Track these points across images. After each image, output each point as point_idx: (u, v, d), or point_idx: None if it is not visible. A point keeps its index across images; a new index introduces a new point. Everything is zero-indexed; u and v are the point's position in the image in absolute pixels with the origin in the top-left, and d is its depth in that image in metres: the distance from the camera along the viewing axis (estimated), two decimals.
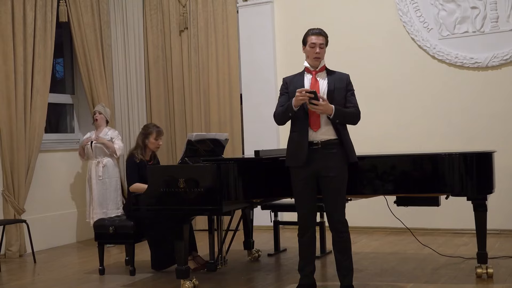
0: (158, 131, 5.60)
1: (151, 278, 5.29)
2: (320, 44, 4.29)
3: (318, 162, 4.22)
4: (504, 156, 6.02)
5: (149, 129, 5.61)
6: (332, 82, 4.29)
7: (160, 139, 5.62)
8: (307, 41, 4.32)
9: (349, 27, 7.26)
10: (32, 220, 6.65)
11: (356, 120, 4.33)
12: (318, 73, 4.34)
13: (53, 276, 5.62)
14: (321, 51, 4.30)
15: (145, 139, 5.56)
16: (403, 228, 5.75)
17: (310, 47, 4.29)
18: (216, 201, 4.48)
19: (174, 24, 8.07)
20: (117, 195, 7.11)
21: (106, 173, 6.99)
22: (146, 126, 5.71)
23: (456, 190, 4.58)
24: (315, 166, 4.23)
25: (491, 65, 6.69)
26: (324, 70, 4.35)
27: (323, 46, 4.31)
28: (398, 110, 7.10)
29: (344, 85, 4.30)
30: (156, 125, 5.78)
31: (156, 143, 5.59)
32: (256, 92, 7.76)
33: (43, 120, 6.92)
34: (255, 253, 5.92)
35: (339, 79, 4.32)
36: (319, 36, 4.30)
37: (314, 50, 4.28)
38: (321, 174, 4.23)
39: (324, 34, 4.35)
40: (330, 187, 4.24)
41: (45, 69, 6.95)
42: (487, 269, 4.71)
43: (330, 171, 4.21)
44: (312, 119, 4.24)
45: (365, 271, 5.16)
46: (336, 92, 4.25)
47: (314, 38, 4.29)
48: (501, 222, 6.50)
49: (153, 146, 5.59)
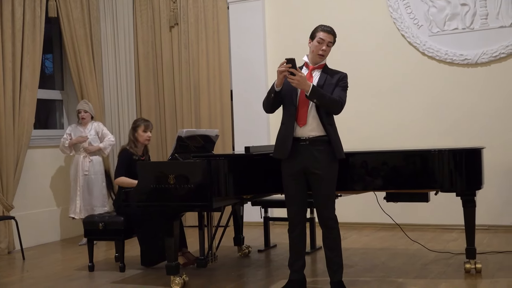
0: (146, 124, 5.63)
1: (141, 274, 5.28)
2: (329, 42, 4.26)
3: (306, 159, 4.22)
4: (493, 152, 6.07)
5: (137, 122, 5.67)
6: (324, 77, 4.27)
7: (149, 131, 5.64)
8: (315, 36, 4.28)
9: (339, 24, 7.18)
10: (21, 216, 6.61)
11: (336, 107, 4.20)
12: (315, 69, 4.33)
13: (42, 273, 5.60)
14: (327, 50, 4.28)
15: (135, 133, 5.59)
16: (393, 224, 5.78)
17: (318, 42, 4.25)
18: (206, 197, 4.48)
19: (164, 20, 8.04)
20: (103, 192, 7.10)
21: (92, 169, 6.98)
22: (135, 121, 5.78)
23: (446, 186, 4.62)
24: (303, 163, 4.23)
25: (480, 61, 6.72)
26: (322, 68, 4.34)
27: (330, 45, 4.29)
28: (387, 107, 7.12)
29: (335, 81, 4.27)
30: (145, 118, 5.83)
31: (145, 135, 5.60)
32: (246, 88, 7.76)
33: (32, 116, 6.87)
34: (245, 249, 5.92)
35: (333, 76, 4.29)
36: (329, 34, 4.26)
37: (321, 47, 4.25)
38: (309, 170, 4.23)
39: (334, 34, 4.30)
40: (319, 184, 4.24)
41: (34, 65, 6.90)
42: (476, 264, 4.74)
43: (318, 168, 4.21)
44: (300, 114, 4.23)
45: (355, 266, 5.18)
46: (325, 87, 4.22)
47: (324, 34, 4.25)
48: (489, 218, 6.54)
49: (142, 139, 5.60)
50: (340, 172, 4.35)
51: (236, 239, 5.93)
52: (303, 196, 4.34)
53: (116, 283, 5.01)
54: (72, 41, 7.48)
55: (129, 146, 5.58)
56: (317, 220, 4.41)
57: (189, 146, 5.15)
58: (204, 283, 4.84)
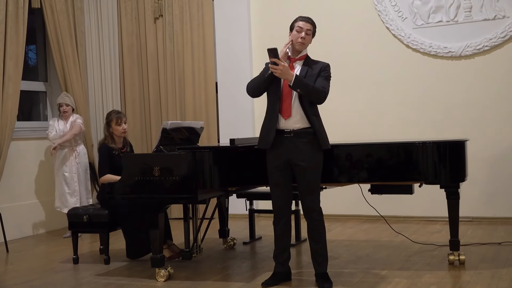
0: (117, 116, 5.53)
1: (126, 267, 5.27)
2: (307, 30, 4.27)
3: (290, 150, 4.23)
4: (476, 145, 6.11)
5: (110, 116, 5.57)
6: (305, 68, 4.28)
7: (124, 123, 5.55)
8: (294, 26, 4.31)
9: (324, 16, 7.26)
10: (4, 209, 6.57)
11: (319, 97, 4.21)
12: (296, 60, 4.33)
13: (26, 265, 5.56)
14: (307, 38, 4.29)
15: (109, 128, 5.53)
16: (377, 216, 5.80)
17: (297, 31, 4.27)
18: (191, 190, 4.48)
19: (149, 11, 7.99)
20: (88, 183, 7.08)
21: (78, 160, 6.96)
22: (107, 115, 5.66)
23: (430, 178, 4.64)
24: (288, 155, 4.24)
25: (464, 54, 6.76)
26: (303, 59, 4.34)
27: (309, 33, 4.30)
28: (372, 99, 7.14)
29: (317, 71, 4.28)
30: (116, 110, 5.73)
31: (120, 128, 5.53)
32: (231, 80, 7.74)
33: (15, 108, 6.80)
34: (230, 242, 5.93)
35: (315, 67, 4.30)
36: (307, 22, 4.30)
37: (300, 35, 4.26)
38: (293, 162, 4.24)
39: (313, 23, 4.34)
40: (303, 176, 4.25)
41: (17, 56, 6.83)
42: (459, 256, 4.78)
43: (302, 160, 4.22)
44: (284, 106, 4.23)
45: (339, 258, 5.21)
46: (307, 77, 4.23)
47: (302, 23, 4.28)
48: (473, 210, 6.60)
49: (118, 132, 5.54)
50: (325, 164, 4.37)
51: (221, 231, 5.93)
52: (288, 188, 4.35)
53: (100, 276, 4.99)
54: (55, 32, 7.41)
55: (107, 141, 5.51)
56: (302, 212, 4.42)
57: (174, 138, 5.13)
58: (189, 275, 4.84)
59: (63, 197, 6.91)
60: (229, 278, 4.82)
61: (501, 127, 6.60)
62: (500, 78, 6.63)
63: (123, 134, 5.60)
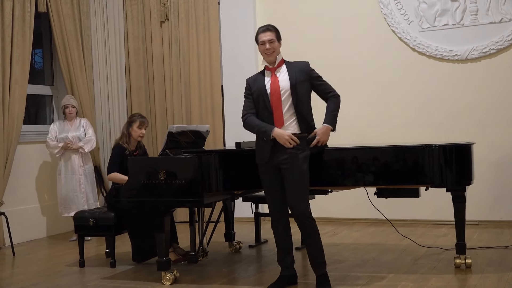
0: (141, 120, 5.61)
1: (132, 270, 5.28)
2: (269, 40, 4.29)
3: (278, 156, 4.25)
4: (482, 148, 6.09)
5: (134, 117, 5.66)
6: (293, 75, 4.28)
7: (144, 128, 5.63)
8: (257, 40, 4.35)
9: (330, 19, 7.26)
10: (11, 212, 6.58)
11: (339, 104, 4.42)
12: (276, 69, 4.34)
13: (32, 268, 5.58)
14: (272, 45, 4.30)
15: (129, 127, 5.58)
16: (383, 219, 5.79)
17: (261, 45, 4.32)
18: (197, 193, 4.48)
19: (154, 15, 8.01)
20: (94, 187, 7.09)
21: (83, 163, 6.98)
22: (131, 115, 5.78)
23: (436, 182, 4.63)
24: (275, 159, 4.26)
25: (470, 57, 6.75)
26: (282, 65, 4.36)
27: (273, 41, 4.30)
28: (378, 102, 7.13)
29: (306, 76, 4.31)
30: (142, 115, 5.79)
31: (139, 131, 5.59)
32: (237, 84, 7.68)
33: (22, 112, 6.83)
34: (236, 245, 5.93)
35: (300, 71, 4.31)
36: (265, 32, 4.32)
37: (264, 47, 4.30)
38: (279, 166, 4.26)
39: (272, 29, 4.35)
40: (288, 179, 4.25)
41: (23, 60, 6.86)
42: (466, 259, 4.77)
43: (285, 162, 4.23)
44: (276, 116, 4.26)
45: (345, 262, 5.20)
46: (298, 85, 4.25)
47: (261, 35, 4.33)
48: (479, 213, 6.58)
49: (135, 135, 5.58)
50: (331, 167, 4.37)
51: (227, 234, 5.93)
52: (281, 191, 4.32)
53: (106, 279, 5.00)
54: (62, 36, 7.44)
55: (122, 141, 5.56)
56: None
57: (180, 141, 5.15)
58: (195, 279, 4.84)
59: (66, 201, 6.92)
60: (235, 281, 4.82)
61: (508, 130, 6.58)
62: (506, 81, 6.61)
63: (140, 138, 5.66)
